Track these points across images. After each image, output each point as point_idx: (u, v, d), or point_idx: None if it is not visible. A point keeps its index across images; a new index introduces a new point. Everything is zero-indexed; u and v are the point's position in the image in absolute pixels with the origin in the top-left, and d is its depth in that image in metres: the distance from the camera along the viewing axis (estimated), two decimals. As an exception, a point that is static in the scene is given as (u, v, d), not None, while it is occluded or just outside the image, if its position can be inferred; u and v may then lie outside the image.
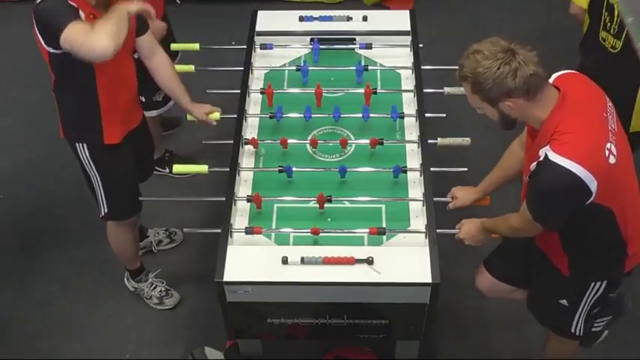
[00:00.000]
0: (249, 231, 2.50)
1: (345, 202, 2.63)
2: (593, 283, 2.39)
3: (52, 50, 2.49)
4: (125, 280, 3.32)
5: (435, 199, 2.58)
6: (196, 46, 3.17)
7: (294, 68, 3.09)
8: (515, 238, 2.48)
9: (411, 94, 3.00)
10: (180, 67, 3.09)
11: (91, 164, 2.77)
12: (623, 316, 2.66)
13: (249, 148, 2.83)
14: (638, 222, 2.29)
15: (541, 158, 2.07)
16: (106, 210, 2.89)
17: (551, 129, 2.07)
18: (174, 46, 3.18)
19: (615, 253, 2.32)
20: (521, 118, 2.16)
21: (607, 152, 2.07)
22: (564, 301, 2.48)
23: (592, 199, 2.08)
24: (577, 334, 2.57)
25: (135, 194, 2.90)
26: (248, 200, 2.60)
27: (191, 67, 3.10)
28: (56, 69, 2.60)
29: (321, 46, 3.19)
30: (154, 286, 3.28)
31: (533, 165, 2.11)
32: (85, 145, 2.74)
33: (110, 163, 2.81)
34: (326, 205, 2.60)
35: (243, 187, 2.71)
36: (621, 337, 3.14)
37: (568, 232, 2.28)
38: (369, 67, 3.11)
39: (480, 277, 2.81)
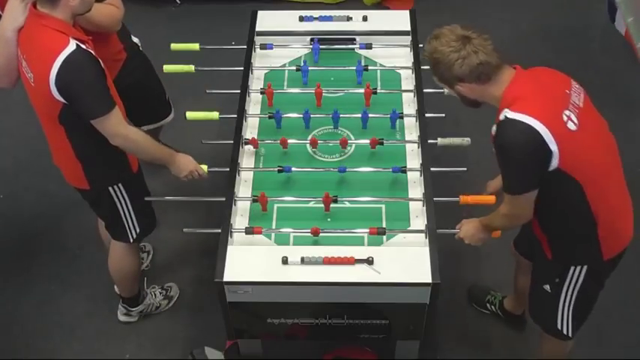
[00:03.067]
0: (249, 231, 2.51)
1: (346, 202, 2.63)
2: (572, 268, 2.39)
3: (66, 101, 2.37)
4: (122, 317, 3.23)
5: (435, 199, 2.58)
6: (196, 46, 3.17)
7: (294, 68, 3.09)
8: (513, 226, 2.49)
9: (411, 94, 3.00)
10: (180, 67, 3.09)
11: (126, 199, 2.74)
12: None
13: (249, 148, 2.83)
14: (610, 204, 2.30)
15: (501, 119, 2.15)
16: (137, 230, 2.86)
17: (508, 97, 2.16)
18: (174, 46, 3.17)
19: (586, 231, 2.31)
20: (480, 98, 2.27)
21: (565, 117, 2.15)
22: (547, 287, 2.49)
23: (555, 162, 2.12)
24: (564, 332, 2.56)
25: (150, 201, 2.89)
26: (254, 200, 2.60)
27: (191, 67, 3.10)
28: (68, 119, 2.46)
29: (321, 46, 3.19)
30: (153, 294, 3.27)
31: (494, 128, 2.19)
32: (120, 184, 2.70)
33: (140, 187, 2.81)
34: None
35: (243, 187, 2.71)
36: (622, 337, 3.15)
37: (543, 209, 2.29)
38: (369, 67, 3.11)
39: (512, 248, 2.88)
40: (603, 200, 2.27)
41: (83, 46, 2.35)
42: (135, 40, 3.12)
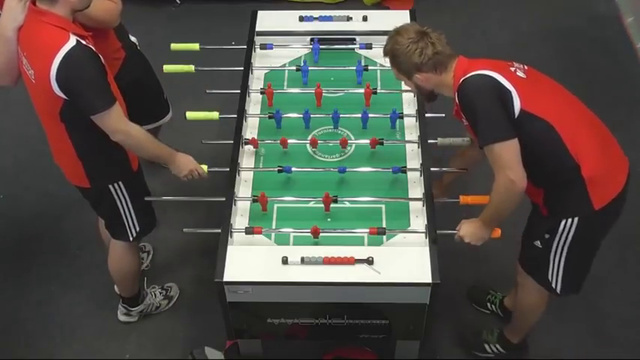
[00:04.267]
0: (249, 231, 2.51)
1: (346, 202, 2.63)
2: (564, 221, 2.41)
3: (66, 97, 2.36)
4: (122, 317, 3.24)
5: (435, 199, 2.58)
6: (196, 46, 3.17)
7: (294, 68, 3.09)
8: (508, 207, 2.42)
9: (411, 94, 3.00)
10: (180, 67, 3.09)
11: (126, 197, 2.74)
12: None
13: (249, 148, 2.83)
14: (588, 145, 2.35)
15: (458, 84, 2.33)
16: (137, 229, 2.86)
17: (459, 74, 2.35)
18: (174, 46, 3.17)
19: (570, 175, 2.34)
20: (436, 89, 2.46)
21: (513, 69, 2.36)
22: (537, 242, 2.52)
23: (518, 104, 2.27)
24: (553, 285, 2.58)
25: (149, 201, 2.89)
26: (254, 201, 2.60)
27: (191, 67, 3.10)
28: (69, 116, 2.45)
29: (321, 46, 3.19)
30: (154, 294, 3.27)
31: (456, 95, 2.34)
32: (120, 182, 2.69)
33: (140, 186, 2.81)
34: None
35: (243, 187, 2.71)
36: (621, 336, 3.15)
37: (527, 162, 2.30)
38: (369, 68, 3.11)
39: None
40: (578, 140, 2.33)
41: (83, 42, 2.34)
42: (133, 39, 3.12)
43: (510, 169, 2.27)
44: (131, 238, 2.89)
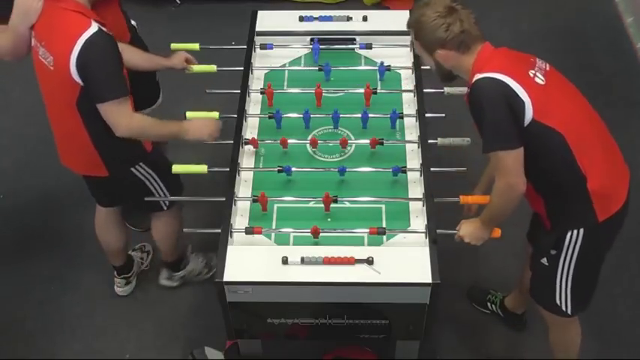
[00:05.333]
0: (249, 231, 2.50)
1: (346, 202, 2.63)
2: (569, 233, 2.38)
3: (82, 82, 2.40)
4: (164, 281, 3.32)
5: (435, 199, 2.58)
6: (196, 46, 3.17)
7: (317, 68, 3.08)
8: (508, 207, 2.41)
9: (411, 94, 3.00)
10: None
11: (152, 174, 2.79)
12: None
13: (249, 148, 2.83)
14: (597, 157, 2.32)
15: (472, 82, 2.27)
16: (168, 201, 2.93)
17: (478, 65, 2.29)
18: (174, 46, 3.18)
19: (576, 186, 2.32)
20: (455, 69, 2.38)
21: (531, 74, 2.28)
22: (544, 260, 2.50)
23: (530, 113, 2.21)
24: (563, 307, 2.55)
25: None
26: (254, 201, 2.60)
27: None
28: (86, 104, 2.47)
29: (321, 46, 3.19)
30: (196, 261, 3.31)
31: (466, 90, 2.31)
32: (141, 163, 2.75)
33: (160, 159, 2.87)
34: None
35: (243, 187, 2.71)
36: (622, 336, 3.16)
37: (533, 170, 2.29)
38: (370, 67, 3.11)
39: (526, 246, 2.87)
40: (588, 152, 2.30)
41: (104, 29, 2.37)
42: (133, 22, 3.14)
43: (511, 176, 2.27)
44: (165, 208, 2.95)
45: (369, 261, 2.38)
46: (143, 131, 2.57)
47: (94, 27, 2.35)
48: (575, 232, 2.38)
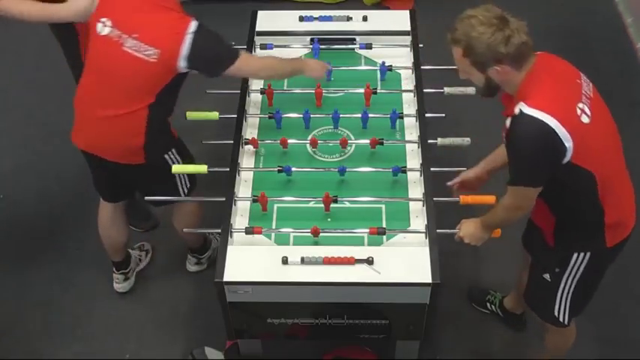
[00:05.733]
0: (249, 231, 2.51)
1: (345, 202, 2.63)
2: (576, 255, 2.38)
3: (184, 70, 2.61)
4: (193, 267, 3.38)
5: (435, 199, 2.58)
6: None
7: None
8: (513, 219, 2.44)
9: (411, 94, 3.00)
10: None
11: (180, 161, 2.86)
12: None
13: (249, 148, 2.83)
14: (620, 193, 2.31)
15: (516, 113, 2.12)
16: (188, 186, 2.96)
17: (525, 89, 2.15)
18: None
19: (593, 219, 2.31)
20: (503, 84, 2.22)
21: (579, 111, 2.14)
22: (547, 276, 2.48)
23: (569, 157, 2.12)
24: (561, 319, 2.55)
25: None
26: (254, 201, 2.60)
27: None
28: (164, 93, 2.65)
29: (321, 46, 3.19)
30: (217, 239, 3.29)
31: (508, 121, 2.17)
32: (173, 149, 2.83)
33: (184, 147, 2.92)
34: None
35: (243, 187, 2.71)
36: (622, 336, 3.15)
37: (552, 196, 2.29)
38: (369, 68, 3.11)
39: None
40: (611, 189, 2.27)
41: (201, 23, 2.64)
42: None
43: (524, 203, 2.28)
44: (183, 194, 2.98)
45: (369, 261, 2.38)
46: (273, 68, 2.80)
47: (194, 20, 2.62)
48: (582, 254, 2.38)
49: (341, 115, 2.88)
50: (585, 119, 2.15)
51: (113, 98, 2.64)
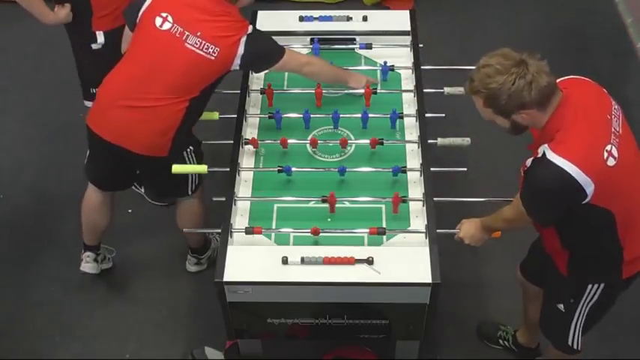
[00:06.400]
0: (249, 231, 2.51)
1: (345, 202, 2.63)
2: (590, 286, 2.36)
3: (236, 68, 2.74)
4: (193, 267, 3.38)
5: (435, 199, 2.58)
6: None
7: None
8: (514, 229, 2.47)
9: (411, 94, 3.00)
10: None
11: (194, 158, 2.92)
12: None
13: (249, 148, 2.83)
14: (634, 226, 2.25)
15: (539, 155, 2.08)
16: (196, 183, 3.01)
17: (552, 128, 2.09)
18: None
19: (610, 256, 2.29)
20: (529, 124, 2.15)
21: (606, 154, 2.07)
22: (561, 306, 2.46)
23: (588, 200, 2.08)
24: (575, 347, 2.52)
25: None
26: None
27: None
28: (206, 90, 2.75)
29: (321, 46, 3.19)
30: (216, 239, 3.31)
31: (529, 161, 2.13)
32: (191, 147, 2.89)
33: (199, 146, 2.97)
34: (326, 206, 2.60)
35: (243, 187, 2.71)
36: (622, 337, 3.15)
37: (566, 230, 2.28)
38: (369, 68, 3.11)
39: (517, 274, 2.82)
40: (632, 225, 2.23)
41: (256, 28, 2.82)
42: None
43: (525, 222, 2.29)
44: (190, 192, 3.00)
45: (369, 261, 2.38)
46: (321, 68, 2.91)
47: (249, 26, 2.73)
48: (597, 285, 2.36)
49: (341, 115, 2.88)
50: (611, 162, 2.07)
51: (158, 91, 2.68)
